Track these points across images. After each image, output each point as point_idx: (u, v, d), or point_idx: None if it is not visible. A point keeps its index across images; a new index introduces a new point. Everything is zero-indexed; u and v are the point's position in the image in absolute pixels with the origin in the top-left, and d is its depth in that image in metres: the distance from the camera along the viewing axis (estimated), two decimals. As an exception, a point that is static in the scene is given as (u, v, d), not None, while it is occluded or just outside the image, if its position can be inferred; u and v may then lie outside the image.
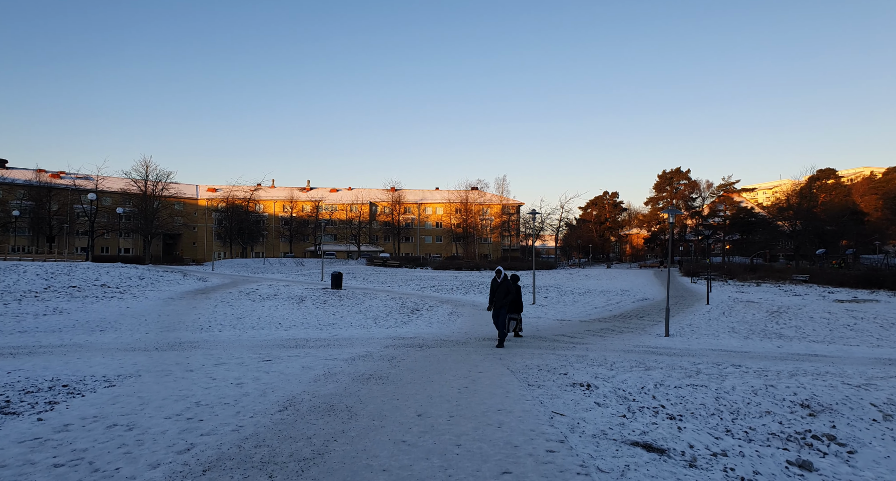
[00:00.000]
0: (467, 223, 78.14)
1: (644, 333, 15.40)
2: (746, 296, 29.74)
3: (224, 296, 20.28)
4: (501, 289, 11.18)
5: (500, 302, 11.18)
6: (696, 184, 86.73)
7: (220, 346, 9.98)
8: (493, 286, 11.35)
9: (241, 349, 9.66)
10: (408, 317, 17.04)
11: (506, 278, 11.40)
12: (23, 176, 59.85)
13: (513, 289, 11.60)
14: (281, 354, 9.03)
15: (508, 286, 11.30)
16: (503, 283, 11.24)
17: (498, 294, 11.22)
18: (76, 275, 22.44)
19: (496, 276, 11.31)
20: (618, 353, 11.01)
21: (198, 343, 10.30)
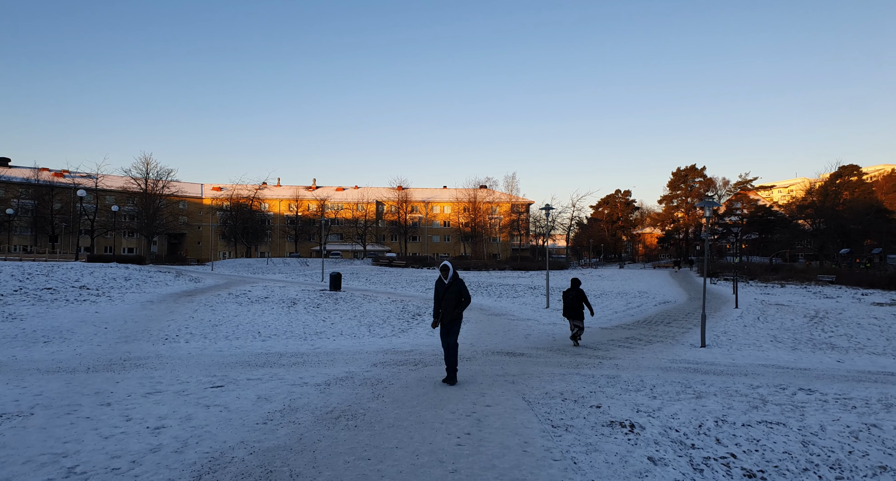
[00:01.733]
0: (476, 222, 76.25)
1: (676, 343, 13.48)
2: (774, 299, 27.73)
3: (209, 299, 18.63)
4: (450, 294, 7.30)
5: (448, 314, 7.30)
6: (712, 181, 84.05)
7: (172, 364, 8.24)
8: (437, 291, 7.45)
9: (196, 368, 7.91)
10: (407, 323, 15.24)
11: (456, 279, 7.42)
12: (25, 174, 58.94)
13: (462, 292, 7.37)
14: (239, 377, 7.26)
15: (460, 290, 7.38)
16: (452, 286, 7.33)
17: (445, 303, 7.30)
18: (56, 276, 20.94)
19: (442, 276, 7.44)
20: (654, 372, 9.13)
21: (147, 359, 8.58)
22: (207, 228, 78.06)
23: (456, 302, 7.32)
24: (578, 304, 12.00)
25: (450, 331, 7.31)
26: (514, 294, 26.08)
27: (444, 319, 7.33)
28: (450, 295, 7.30)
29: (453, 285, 7.35)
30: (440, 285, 7.44)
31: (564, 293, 12.29)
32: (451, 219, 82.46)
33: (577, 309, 11.95)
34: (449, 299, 7.31)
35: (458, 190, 79.45)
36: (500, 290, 27.58)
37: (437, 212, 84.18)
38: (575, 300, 12.03)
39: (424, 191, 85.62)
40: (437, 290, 7.45)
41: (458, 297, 7.35)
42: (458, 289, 7.37)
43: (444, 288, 7.36)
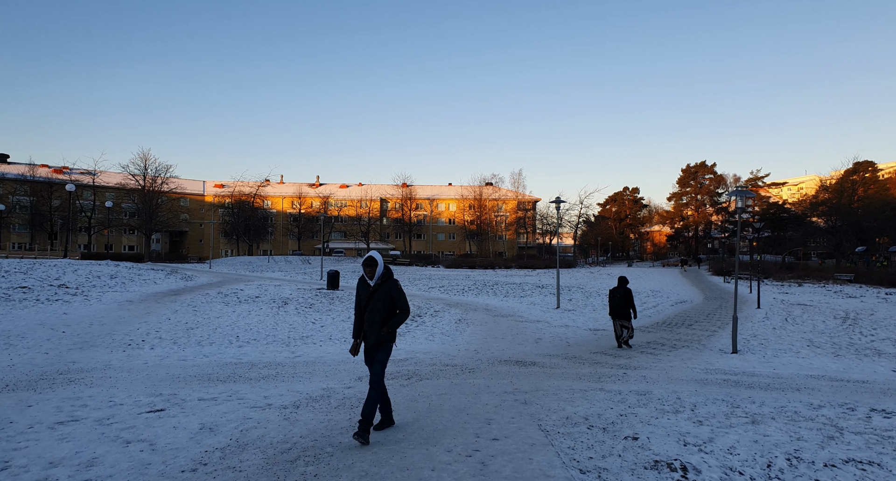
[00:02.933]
0: (481, 219, 74.80)
1: (704, 349, 12.08)
2: (794, 298, 26.27)
3: (195, 299, 17.39)
4: (375, 304, 4.80)
5: (372, 335, 4.81)
6: (723, 178, 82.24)
7: (116, 379, 6.95)
8: (358, 297, 4.98)
9: (142, 384, 6.61)
10: (405, 326, 13.90)
11: (386, 280, 4.88)
12: (23, 171, 58.09)
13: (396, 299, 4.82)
14: (189, 396, 5.95)
15: (393, 298, 4.82)
16: (379, 291, 4.83)
17: (369, 316, 4.81)
18: (35, 274, 19.77)
19: (365, 275, 4.93)
20: (690, 386, 7.74)
21: (91, 372, 7.29)
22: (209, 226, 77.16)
23: (383, 315, 4.76)
24: (626, 304, 11.41)
25: (373, 359, 4.81)
26: (521, 293, 24.70)
27: (368, 341, 4.80)
28: (375, 304, 4.75)
29: (381, 289, 4.78)
30: (363, 289, 4.90)
31: (611, 291, 11.74)
32: (456, 216, 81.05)
33: (625, 309, 11.37)
34: (374, 311, 4.74)
35: (464, 187, 78.00)
36: (507, 289, 26.21)
37: (441, 210, 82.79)
38: (622, 300, 11.43)
39: (429, 188, 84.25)
40: (358, 297, 4.93)
41: (386, 309, 4.77)
42: (387, 295, 4.77)
43: (369, 293, 4.82)
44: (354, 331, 4.96)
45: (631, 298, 11.52)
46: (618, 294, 11.58)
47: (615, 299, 11.53)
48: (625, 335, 11.47)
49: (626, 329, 11.46)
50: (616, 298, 11.53)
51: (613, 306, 11.52)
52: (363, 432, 4.42)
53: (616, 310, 11.48)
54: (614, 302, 11.53)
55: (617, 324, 11.59)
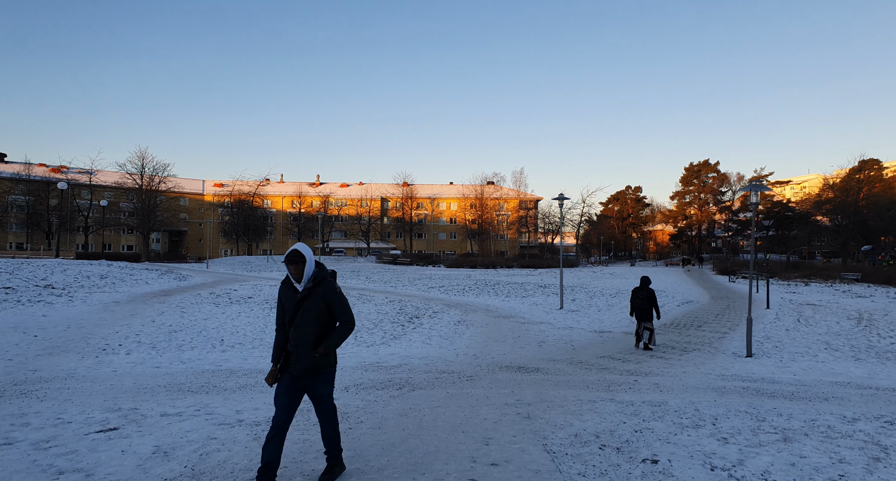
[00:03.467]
0: (482, 219, 74.13)
1: (716, 352, 11.41)
2: (803, 298, 25.61)
3: (185, 300, 16.78)
4: (306, 315, 3.52)
5: (301, 358, 3.53)
6: (726, 177, 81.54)
7: (76, 389, 6.32)
8: (280, 306, 3.71)
9: (102, 396, 5.99)
10: (402, 327, 13.26)
11: (320, 283, 3.59)
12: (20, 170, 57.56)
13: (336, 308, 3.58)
14: (151, 411, 5.32)
15: (330, 306, 3.59)
16: (310, 299, 3.55)
17: (297, 333, 3.53)
18: (22, 274, 19.17)
19: (291, 275, 3.58)
20: (708, 395, 7.08)
21: (50, 381, 6.66)
22: (208, 225, 76.58)
23: (317, 330, 3.52)
24: (649, 305, 11.10)
25: (316, 393, 3.60)
26: (523, 293, 24.05)
27: (295, 368, 3.49)
28: (305, 316, 3.50)
29: (313, 296, 3.53)
30: (287, 295, 3.63)
31: (634, 291, 11.42)
32: (457, 215, 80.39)
33: (648, 310, 11.06)
34: (304, 325, 3.49)
35: (465, 186, 77.33)
36: (509, 289, 25.57)
37: (443, 209, 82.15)
38: (646, 300, 11.11)
39: (430, 187, 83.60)
40: (280, 306, 3.69)
41: (321, 321, 3.53)
42: (321, 302, 3.53)
43: (295, 301, 3.55)
44: (274, 354, 3.65)
45: (654, 298, 11.23)
46: (641, 294, 11.24)
47: (638, 300, 11.19)
48: (646, 337, 11.17)
49: (647, 330, 11.09)
50: (639, 299, 11.20)
51: (637, 307, 11.17)
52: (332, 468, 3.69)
53: (640, 311, 11.14)
54: (637, 303, 11.19)
55: (640, 326, 11.25)
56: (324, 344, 3.55)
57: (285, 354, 3.61)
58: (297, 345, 3.53)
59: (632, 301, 11.40)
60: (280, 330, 3.70)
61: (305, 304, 3.56)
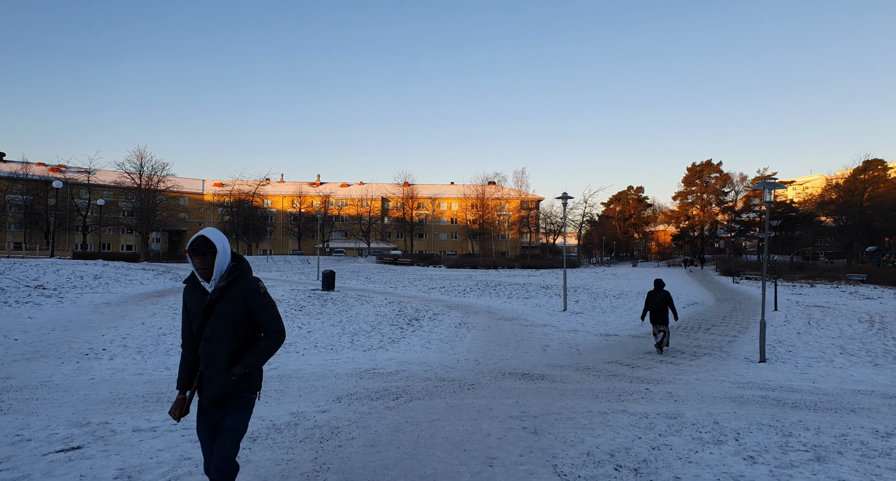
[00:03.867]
0: (483, 219, 73.67)
1: (728, 357, 10.95)
2: (809, 300, 25.17)
3: (179, 301, 16.31)
4: (220, 325, 2.72)
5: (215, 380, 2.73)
6: (729, 177, 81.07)
7: (46, 399, 5.89)
8: (187, 311, 2.86)
9: (73, 408, 5.54)
10: (401, 330, 12.80)
11: (240, 283, 2.77)
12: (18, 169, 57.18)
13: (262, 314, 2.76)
14: (124, 426, 4.87)
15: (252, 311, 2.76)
16: (228, 301, 2.73)
17: (207, 342, 2.74)
18: (13, 274, 18.74)
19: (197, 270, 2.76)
20: (726, 405, 6.62)
21: (21, 390, 6.21)
22: (208, 225, 76.21)
23: (233, 343, 2.74)
24: (665, 307, 10.93)
25: (221, 426, 2.74)
26: (525, 294, 23.59)
27: (207, 395, 2.75)
28: (219, 325, 2.72)
29: (229, 297, 2.74)
30: (193, 297, 2.82)
31: (650, 294, 11.21)
32: (458, 215, 79.92)
33: (665, 312, 10.92)
34: (217, 337, 2.72)
35: (466, 186, 76.84)
36: (510, 290, 25.10)
37: (443, 209, 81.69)
38: (662, 303, 10.94)
39: (431, 187, 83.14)
40: (185, 312, 2.87)
41: (239, 331, 2.75)
42: (239, 306, 2.75)
43: (204, 306, 2.75)
44: (180, 379, 2.83)
45: (672, 300, 11.05)
46: (657, 297, 11.02)
47: (655, 302, 10.99)
48: (661, 339, 10.96)
49: (663, 333, 10.89)
50: (656, 302, 10.98)
51: (653, 311, 10.98)
52: None
53: (656, 314, 10.94)
54: (654, 306, 10.99)
55: (656, 329, 11.02)
56: (242, 362, 2.68)
57: (199, 377, 2.76)
58: (209, 363, 2.69)
59: (647, 303, 11.17)
60: (187, 345, 2.83)
61: (217, 310, 2.69)
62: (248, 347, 2.78)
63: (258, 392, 2.90)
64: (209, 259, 2.72)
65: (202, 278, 2.76)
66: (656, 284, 11.29)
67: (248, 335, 2.79)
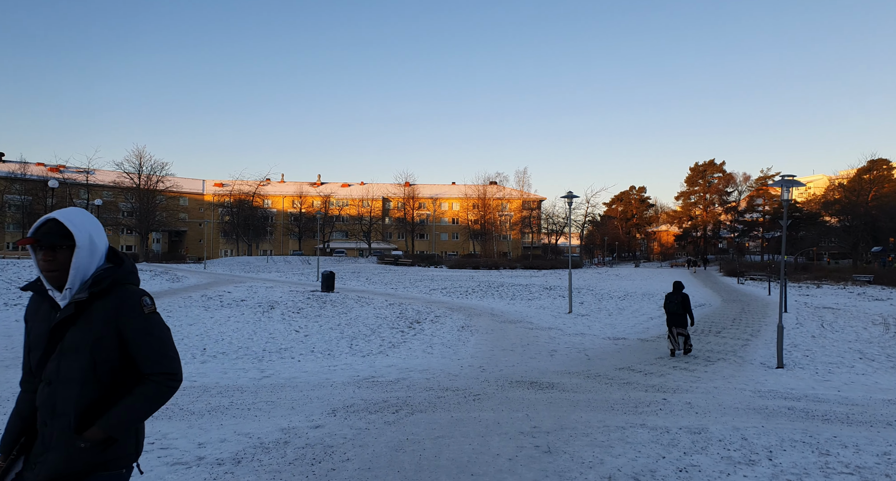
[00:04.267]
0: (485, 219, 73.21)
1: (744, 362, 10.47)
2: (818, 301, 24.68)
3: (173, 303, 15.90)
4: (73, 346, 1.71)
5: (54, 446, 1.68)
6: (732, 177, 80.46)
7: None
8: (28, 336, 1.82)
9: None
10: (402, 334, 12.34)
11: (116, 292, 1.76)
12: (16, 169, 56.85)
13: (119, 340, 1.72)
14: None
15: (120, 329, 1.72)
16: (93, 315, 1.72)
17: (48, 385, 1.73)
18: (5, 275, 18.35)
19: (44, 271, 1.73)
20: (751, 417, 6.15)
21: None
22: (209, 225, 75.83)
23: (91, 388, 1.71)
24: (683, 311, 10.71)
25: None
26: (528, 296, 23.12)
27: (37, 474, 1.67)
28: (69, 361, 1.72)
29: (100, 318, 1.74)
30: (38, 316, 1.82)
31: (667, 297, 10.98)
32: (459, 215, 79.48)
33: (683, 315, 10.70)
34: (63, 379, 1.72)
35: (468, 186, 76.39)
36: (513, 291, 24.64)
37: (445, 209, 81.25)
38: (680, 306, 10.71)
39: (432, 187, 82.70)
40: (27, 337, 1.85)
41: (99, 370, 1.72)
42: (107, 335, 1.74)
43: (50, 328, 1.74)
44: (5, 436, 1.80)
45: (689, 304, 10.77)
46: (675, 300, 10.84)
47: (672, 305, 10.82)
48: (681, 344, 10.73)
49: (682, 336, 10.69)
50: (674, 305, 10.76)
51: (671, 313, 10.73)
52: None
53: (674, 317, 10.69)
54: (672, 308, 10.75)
55: (674, 332, 10.77)
56: (102, 421, 1.69)
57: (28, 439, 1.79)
58: (45, 422, 1.71)
59: (666, 308, 10.91)
60: (26, 385, 1.86)
61: (69, 337, 1.73)
62: (112, 396, 1.74)
63: (133, 466, 1.82)
64: (62, 255, 1.73)
65: (50, 285, 1.77)
66: (675, 286, 11.04)
67: (114, 379, 1.76)
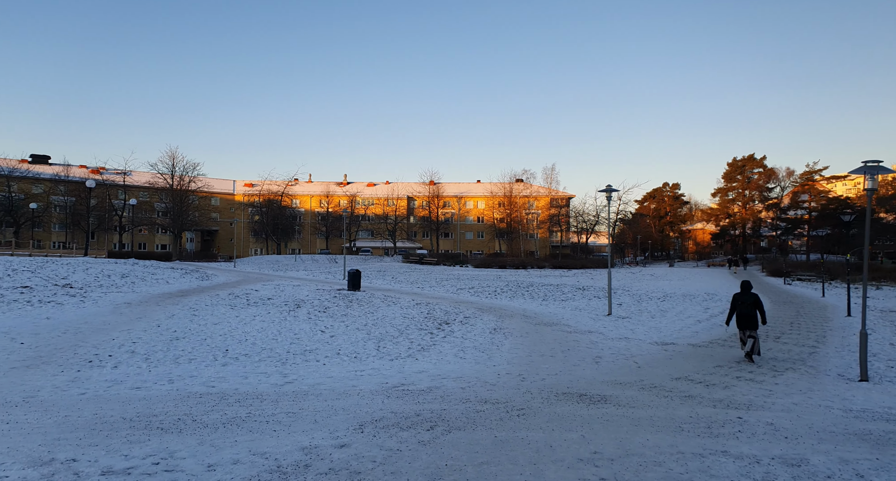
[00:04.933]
0: (511, 217, 72.01)
1: (817, 372, 9.34)
2: (880, 304, 22.98)
3: (200, 301, 15.63)
4: None
5: None
6: (774, 172, 76.88)
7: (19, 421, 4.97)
8: None
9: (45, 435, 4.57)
10: (430, 336, 11.64)
11: None
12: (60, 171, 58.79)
13: None
14: (95, 463, 3.86)
15: None
16: None
17: None
18: (43, 273, 18.48)
19: None
20: (854, 445, 5.16)
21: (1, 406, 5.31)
22: (239, 225, 77.01)
23: None
24: (755, 312, 10.04)
25: None
26: (561, 296, 22.13)
27: None
28: None
29: None
30: None
31: (736, 297, 10.32)
32: (485, 214, 78.47)
33: (754, 317, 10.03)
34: None
35: (493, 184, 75.31)
36: (545, 292, 23.67)
37: (470, 208, 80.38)
38: (752, 306, 10.02)
39: (457, 185, 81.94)
40: None
41: None
42: None
43: None
44: None
45: (761, 304, 10.08)
46: (746, 300, 10.11)
47: (744, 307, 10.04)
48: (749, 346, 10.01)
49: (752, 339, 9.98)
50: (745, 305, 10.05)
51: (742, 314, 10.05)
52: None
53: (745, 318, 10.01)
54: (743, 310, 10.05)
55: (745, 335, 10.11)
56: None
57: None
58: None
59: (734, 307, 10.24)
60: None
61: None
62: None
63: None
64: None
65: None
66: (744, 286, 10.33)
67: None
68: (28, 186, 56.75)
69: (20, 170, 55.64)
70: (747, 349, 10.05)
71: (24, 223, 53.53)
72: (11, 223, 52.85)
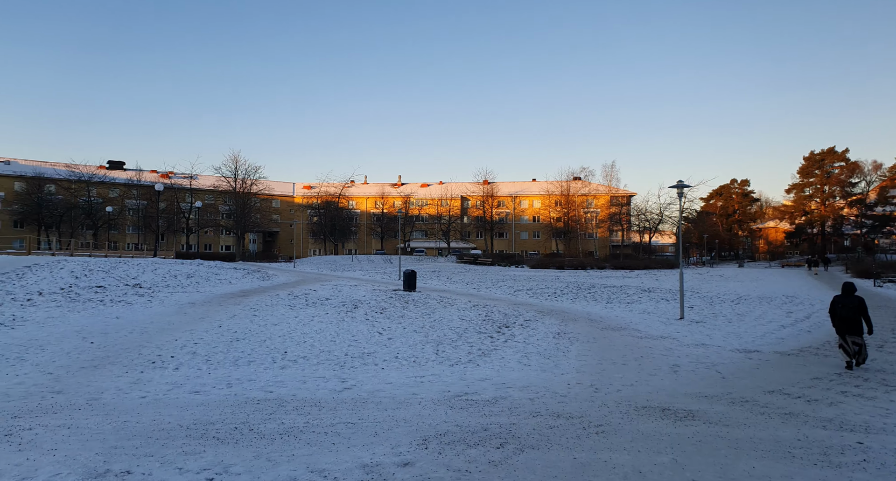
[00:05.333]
0: (569, 216, 70.04)
1: (938, 390, 8.04)
2: None
3: (261, 301, 15.94)
4: None
5: None
6: (858, 165, 70.35)
7: (80, 426, 4.94)
8: None
9: (103, 442, 4.49)
10: (491, 340, 11.14)
11: None
12: (132, 176, 63.13)
13: None
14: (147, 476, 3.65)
15: None
16: None
17: None
18: (116, 273, 19.59)
19: None
20: None
21: (65, 410, 5.35)
22: (298, 226, 79.71)
23: None
24: (859, 316, 9.18)
25: None
26: (626, 298, 20.97)
27: None
28: None
29: None
30: None
31: (836, 300, 9.47)
32: (540, 213, 76.85)
33: (858, 322, 9.18)
34: None
35: (550, 182, 73.59)
36: (608, 294, 22.55)
37: (525, 207, 79.01)
38: (855, 310, 9.19)
39: (512, 184, 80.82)
40: None
41: None
42: None
43: None
44: None
45: (865, 308, 9.15)
46: (848, 304, 9.28)
47: (846, 310, 9.22)
48: (853, 354, 9.17)
49: (858, 346, 9.16)
50: (847, 309, 9.23)
51: (844, 318, 9.24)
52: None
53: (847, 323, 9.19)
54: (845, 313, 9.23)
55: (848, 341, 9.22)
56: None
57: None
58: None
59: (834, 311, 9.35)
60: None
61: None
62: None
63: None
64: None
65: None
66: (846, 288, 9.36)
67: None
68: (105, 191, 61.26)
69: (98, 176, 60.15)
70: (848, 357, 9.06)
71: (101, 225, 57.86)
72: (91, 226, 57.28)
